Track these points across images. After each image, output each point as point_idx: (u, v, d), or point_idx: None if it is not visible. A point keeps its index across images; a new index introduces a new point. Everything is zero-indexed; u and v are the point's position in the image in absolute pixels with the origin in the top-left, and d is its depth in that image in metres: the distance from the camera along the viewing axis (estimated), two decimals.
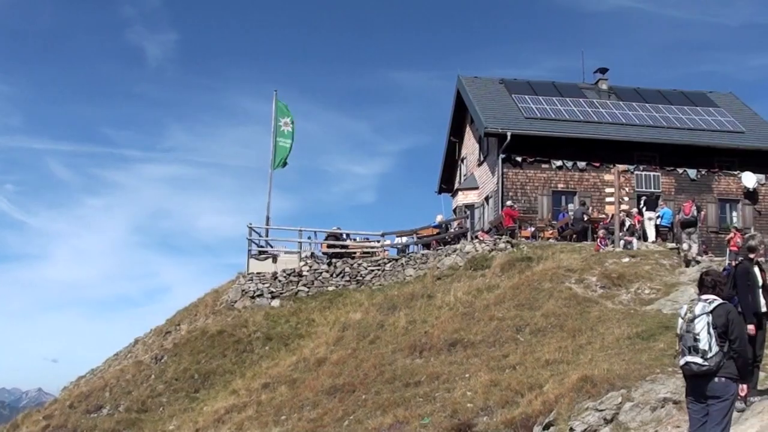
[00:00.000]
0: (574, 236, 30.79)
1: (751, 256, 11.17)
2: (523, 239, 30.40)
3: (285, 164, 35.78)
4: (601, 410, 12.18)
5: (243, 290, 30.12)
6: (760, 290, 11.02)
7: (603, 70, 40.52)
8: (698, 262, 24.47)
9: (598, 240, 27.94)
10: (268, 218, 33.91)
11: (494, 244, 28.73)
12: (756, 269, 11.08)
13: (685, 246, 26.87)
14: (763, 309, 10.95)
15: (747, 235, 11.81)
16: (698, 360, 7.58)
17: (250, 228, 32.69)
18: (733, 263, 11.60)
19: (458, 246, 30.11)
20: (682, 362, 7.75)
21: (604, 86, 39.97)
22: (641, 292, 21.12)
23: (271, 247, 33.21)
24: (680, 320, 7.93)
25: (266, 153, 35.79)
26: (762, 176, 35.81)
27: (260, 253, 32.33)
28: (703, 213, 31.19)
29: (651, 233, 30.82)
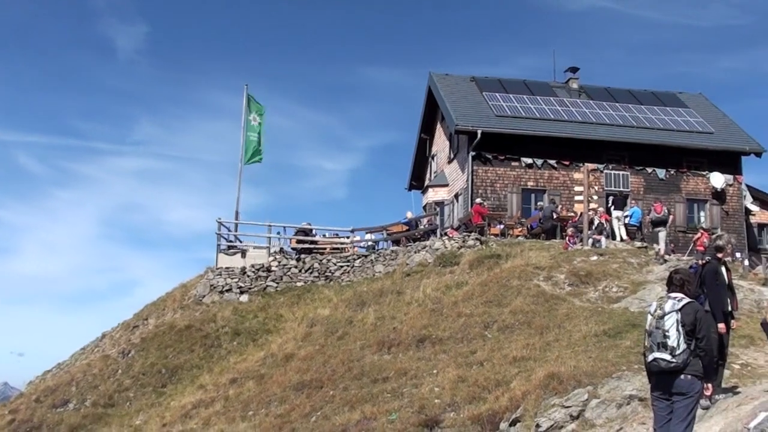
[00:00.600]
0: (543, 234, 30.89)
1: (719, 255, 11.25)
2: (492, 237, 30.47)
3: (260, 159, 35.66)
4: (568, 407, 12.23)
5: (211, 285, 30.00)
6: (726, 289, 11.11)
7: (574, 69, 40.64)
8: (665, 261, 24.66)
9: (567, 238, 28.04)
10: (237, 213, 33.78)
11: (463, 241, 28.77)
12: (723, 269, 11.16)
13: (662, 244, 27.29)
14: (728, 308, 11.04)
15: (714, 236, 11.91)
16: (666, 356, 7.64)
17: (220, 223, 32.58)
18: (701, 262, 11.65)
19: (428, 243, 30.14)
20: (650, 358, 7.80)
21: (574, 85, 40.09)
22: (609, 290, 21.21)
23: (240, 242, 33.11)
24: (649, 317, 7.99)
25: (236, 147, 35.68)
26: (730, 177, 36.09)
27: (229, 248, 32.22)
28: (672, 215, 31.49)
29: (620, 232, 31.02)
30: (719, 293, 10.83)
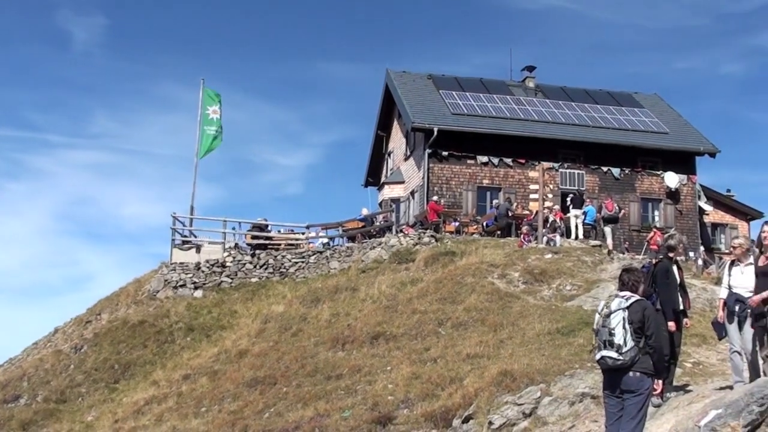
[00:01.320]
0: (498, 232, 30.99)
1: (671, 255, 11.30)
2: (448, 234, 30.53)
3: (219, 143, 35.30)
4: (520, 404, 12.26)
5: (165, 280, 29.73)
6: (678, 288, 11.17)
7: (530, 68, 40.85)
8: (611, 254, 24.98)
9: (522, 236, 28.16)
10: (192, 208, 33.54)
11: (419, 238, 28.79)
12: (674, 268, 11.22)
13: (609, 240, 27.65)
14: (680, 307, 11.10)
15: (666, 235, 11.95)
16: (613, 354, 7.65)
17: (174, 217, 32.29)
18: (653, 261, 11.71)
19: (383, 239, 30.12)
20: (597, 356, 7.83)
21: (531, 84, 40.31)
22: (563, 288, 21.31)
23: (195, 237, 32.84)
24: (597, 315, 8.02)
25: (192, 142, 35.33)
26: (684, 177, 36.50)
27: (184, 243, 31.95)
28: (623, 211, 31.74)
29: (577, 230, 31.21)
30: (670, 292, 10.89)
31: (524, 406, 12.20)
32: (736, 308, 10.66)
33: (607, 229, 29.48)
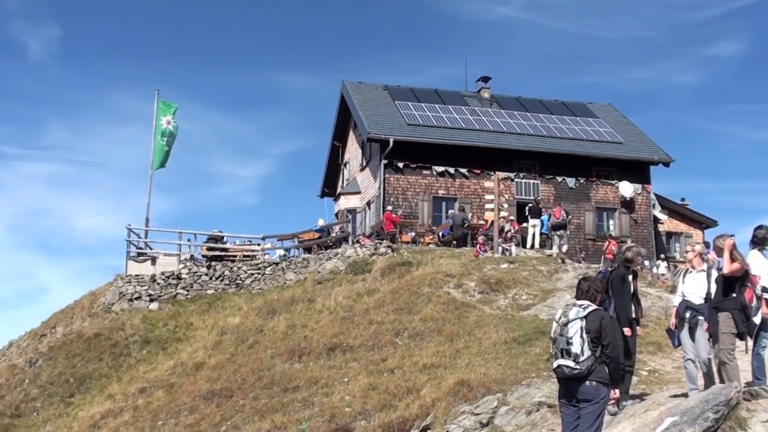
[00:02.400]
0: (454, 242, 31.06)
1: (628, 266, 11.37)
2: (404, 244, 30.53)
3: (164, 161, 35.12)
4: (477, 414, 12.26)
5: (121, 292, 29.46)
6: (632, 297, 11.23)
7: (485, 79, 40.98)
8: (563, 260, 25.19)
9: (478, 246, 28.24)
10: (147, 220, 33.27)
11: (375, 249, 28.78)
12: (630, 277, 11.28)
13: (555, 248, 27.89)
14: (633, 315, 11.16)
15: (624, 247, 11.99)
16: (570, 363, 7.66)
17: (129, 229, 32.03)
18: (609, 269, 11.77)
19: (339, 250, 30.07)
20: (554, 365, 7.83)
21: (486, 95, 40.41)
22: (519, 298, 21.39)
23: (150, 249, 32.59)
24: (555, 324, 8.01)
25: (147, 153, 35.11)
26: (639, 186, 36.83)
27: (139, 255, 31.70)
28: (570, 217, 31.96)
29: (534, 240, 31.39)
30: (626, 300, 10.95)
31: (481, 415, 12.21)
32: (687, 315, 10.76)
33: (556, 237, 29.71)
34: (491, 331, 17.93)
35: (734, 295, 9.94)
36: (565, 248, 28.46)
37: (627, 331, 10.80)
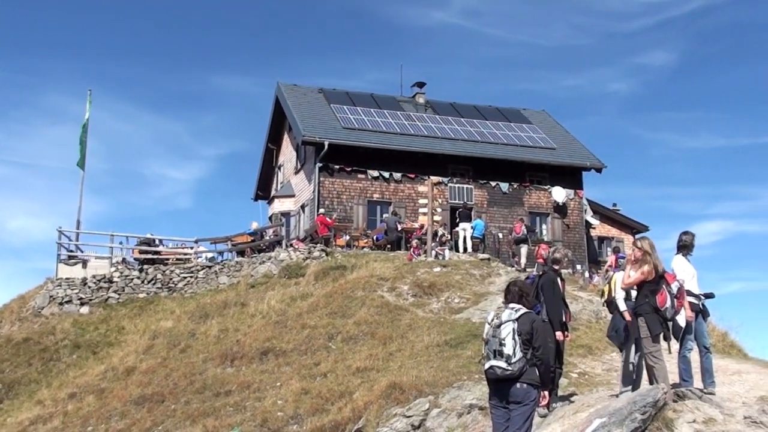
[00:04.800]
0: (389, 245, 31.13)
1: (556, 267, 11.49)
2: (338, 248, 30.51)
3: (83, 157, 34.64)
4: (409, 416, 12.31)
5: (51, 296, 29.00)
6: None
7: (420, 84, 41.14)
8: (525, 271, 25.49)
9: (411, 250, 28.35)
10: (78, 222, 32.82)
11: (309, 253, 28.72)
12: (558, 280, 11.41)
13: (523, 260, 28.34)
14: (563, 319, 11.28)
15: (552, 248, 12.12)
16: (502, 364, 7.70)
17: (60, 232, 31.55)
18: (539, 274, 11.90)
19: (273, 254, 29.97)
20: (486, 366, 7.87)
21: (421, 100, 40.59)
22: (451, 301, 21.52)
23: (82, 251, 32.15)
24: (487, 326, 8.05)
25: (78, 153, 34.61)
26: (571, 191, 37.22)
27: (70, 258, 31.24)
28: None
29: (466, 244, 31.60)
30: (557, 303, 11.06)
31: (413, 418, 12.26)
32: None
33: (523, 250, 29.80)
34: (424, 335, 18.02)
35: (646, 299, 10.09)
36: (522, 262, 28.78)
37: (559, 335, 10.91)
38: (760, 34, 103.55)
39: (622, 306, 10.89)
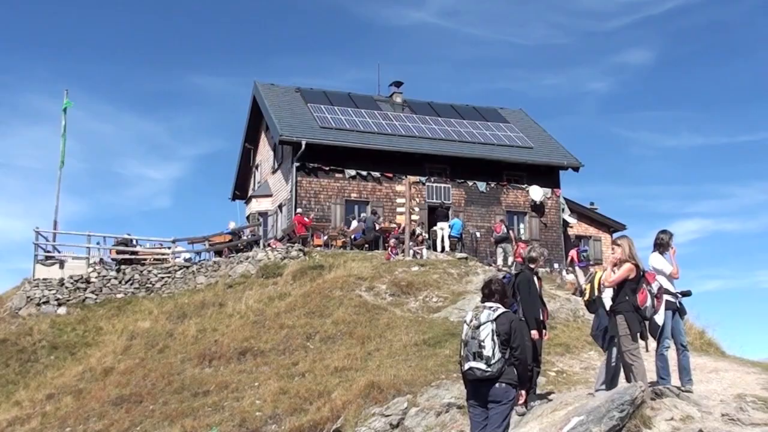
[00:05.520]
0: (366, 245, 31.15)
1: (532, 266, 11.54)
2: (316, 247, 30.49)
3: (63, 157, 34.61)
4: (388, 416, 12.33)
5: (28, 297, 28.85)
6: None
7: (398, 84, 41.18)
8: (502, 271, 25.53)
9: (389, 249, 28.37)
10: (56, 222, 32.72)
11: (286, 252, 28.69)
12: (535, 278, 11.45)
13: (499, 260, 28.27)
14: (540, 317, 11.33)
15: (528, 247, 12.19)
16: (482, 366, 7.72)
17: (37, 232, 31.40)
18: (515, 273, 11.96)
19: (250, 254, 29.92)
20: (466, 367, 7.87)
21: (398, 99, 40.64)
22: (429, 300, 21.56)
23: (59, 252, 32.01)
24: (465, 327, 8.05)
25: (56, 154, 34.58)
26: (548, 190, 37.38)
27: (47, 258, 31.10)
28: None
29: (444, 243, 31.70)
30: (533, 302, 11.11)
31: (391, 417, 12.29)
32: None
33: (499, 250, 29.80)
34: (402, 334, 18.05)
35: (627, 297, 10.14)
36: (510, 261, 28.85)
37: (535, 334, 10.96)
38: (736, 33, 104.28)
39: (609, 305, 10.91)
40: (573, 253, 26.23)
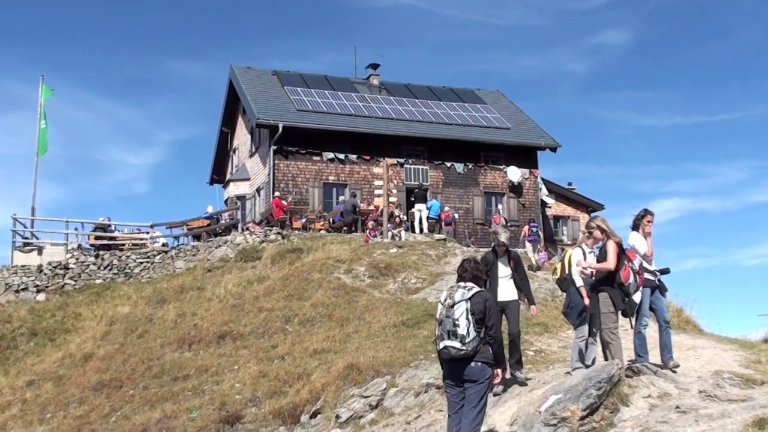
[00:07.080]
0: (345, 228, 31.20)
1: (498, 250, 11.45)
2: (294, 231, 30.51)
3: (45, 150, 34.50)
4: (367, 397, 12.41)
5: (7, 284, 28.72)
6: (503, 280, 11.31)
7: (375, 66, 41.18)
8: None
9: (368, 231, 28.42)
10: (33, 209, 32.56)
11: (265, 236, 28.71)
12: (499, 262, 11.35)
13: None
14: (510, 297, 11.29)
15: (493, 231, 12.22)
16: (456, 344, 7.77)
17: (15, 219, 31.26)
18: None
19: (229, 238, 29.92)
20: (440, 346, 7.93)
21: (375, 81, 40.64)
22: (408, 282, 21.66)
23: (37, 238, 31.86)
24: (440, 306, 8.11)
25: (33, 140, 34.32)
26: (526, 171, 37.51)
27: (25, 245, 30.96)
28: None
29: (422, 225, 31.79)
30: (492, 284, 11.07)
31: (371, 398, 12.37)
32: None
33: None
34: (380, 315, 18.14)
35: (611, 275, 10.22)
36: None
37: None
38: (713, 13, 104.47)
39: (579, 282, 10.94)
40: (525, 228, 26.47)
